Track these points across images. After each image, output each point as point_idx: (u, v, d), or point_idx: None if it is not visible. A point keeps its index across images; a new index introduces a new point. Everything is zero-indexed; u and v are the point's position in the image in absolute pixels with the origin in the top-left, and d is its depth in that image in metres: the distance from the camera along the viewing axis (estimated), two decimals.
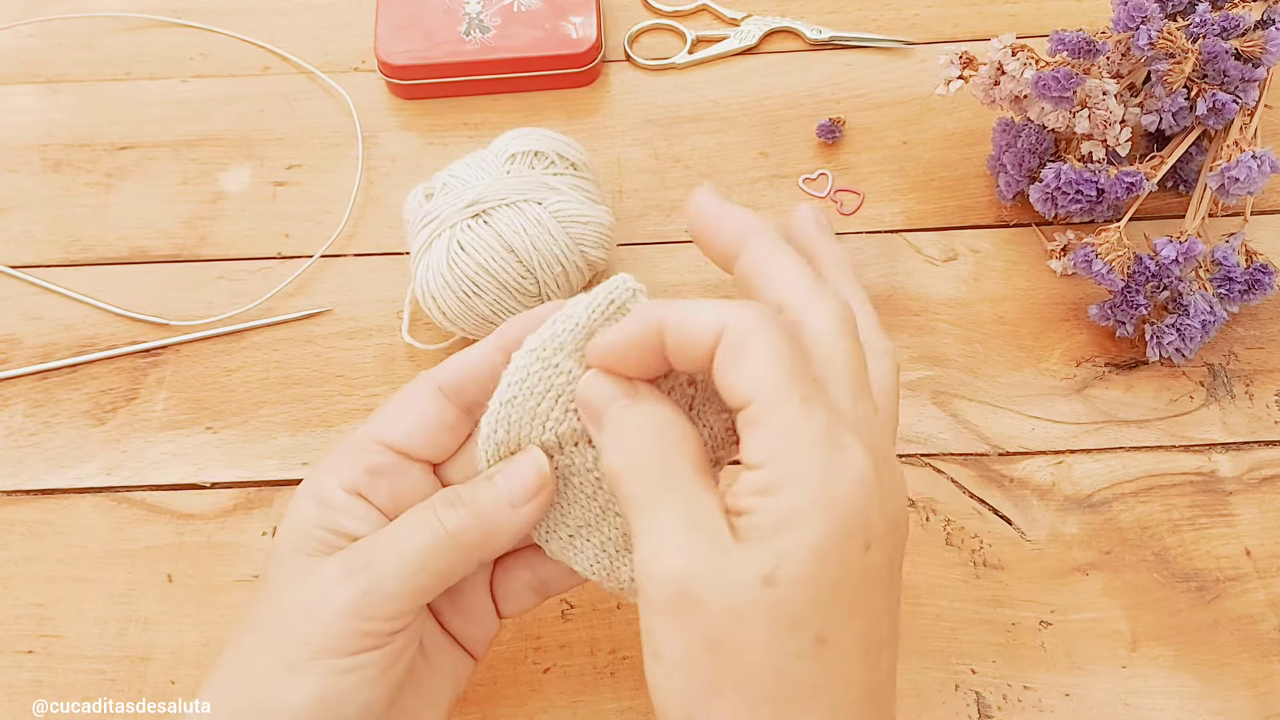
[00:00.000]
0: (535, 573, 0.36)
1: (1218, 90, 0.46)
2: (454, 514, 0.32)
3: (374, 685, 0.31)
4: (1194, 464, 0.45)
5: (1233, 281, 0.46)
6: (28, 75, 0.59)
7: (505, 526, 0.32)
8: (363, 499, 0.33)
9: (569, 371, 0.31)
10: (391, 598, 0.31)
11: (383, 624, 0.31)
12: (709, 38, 0.59)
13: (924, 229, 0.52)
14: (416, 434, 0.34)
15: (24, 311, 0.51)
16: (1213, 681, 0.40)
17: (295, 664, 0.30)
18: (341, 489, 0.33)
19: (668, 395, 0.32)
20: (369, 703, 0.31)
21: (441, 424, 0.34)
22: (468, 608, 0.36)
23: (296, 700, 0.30)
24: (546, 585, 0.36)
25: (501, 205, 0.45)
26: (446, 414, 0.34)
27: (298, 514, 0.33)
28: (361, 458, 0.33)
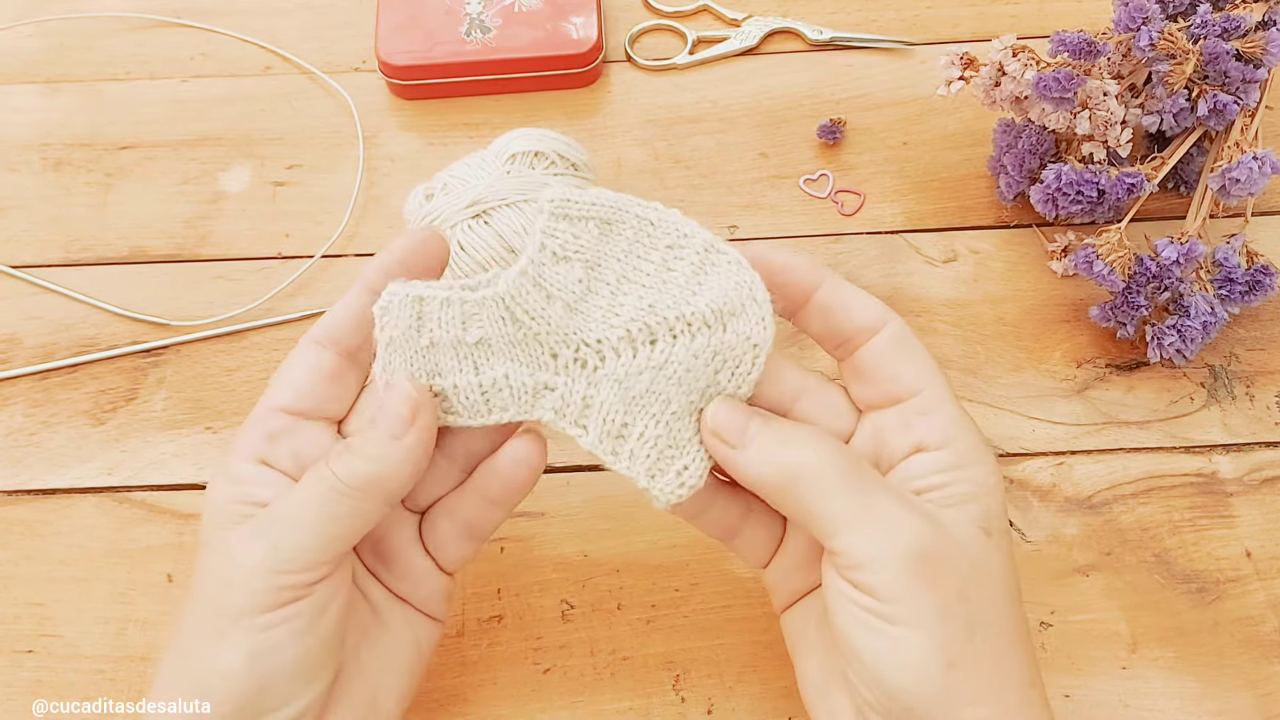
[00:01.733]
0: (454, 518, 0.36)
1: (1219, 91, 0.46)
2: (341, 460, 0.32)
3: (303, 637, 0.31)
4: (1195, 465, 0.45)
5: (1234, 282, 0.46)
6: (28, 75, 0.59)
7: (394, 460, 0.32)
8: (267, 466, 0.33)
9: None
10: (300, 549, 0.31)
11: (297, 575, 0.31)
12: (710, 38, 0.59)
13: (924, 230, 0.52)
14: (303, 391, 0.34)
15: (24, 311, 0.51)
16: (1213, 683, 0.40)
17: (221, 629, 0.31)
18: (244, 460, 0.33)
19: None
20: (301, 655, 0.32)
21: (325, 374, 0.34)
22: (403, 567, 0.36)
23: (227, 663, 0.31)
24: (473, 528, 0.36)
25: (502, 205, 0.45)
26: (326, 363, 0.34)
27: (212, 494, 0.33)
28: (259, 426, 0.34)
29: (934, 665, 0.30)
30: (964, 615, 0.30)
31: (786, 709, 0.40)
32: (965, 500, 0.32)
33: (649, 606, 0.42)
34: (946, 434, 0.33)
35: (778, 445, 0.32)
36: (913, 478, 0.33)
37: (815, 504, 0.31)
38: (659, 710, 0.40)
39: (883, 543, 0.30)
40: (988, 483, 0.32)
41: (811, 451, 0.32)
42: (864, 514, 0.31)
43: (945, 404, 0.33)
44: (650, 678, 0.41)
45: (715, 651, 0.41)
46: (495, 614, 0.42)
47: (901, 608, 0.30)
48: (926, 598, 0.30)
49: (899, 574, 0.30)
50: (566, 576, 0.43)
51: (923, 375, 0.33)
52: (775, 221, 0.52)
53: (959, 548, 0.31)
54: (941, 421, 0.33)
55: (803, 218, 0.52)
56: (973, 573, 0.31)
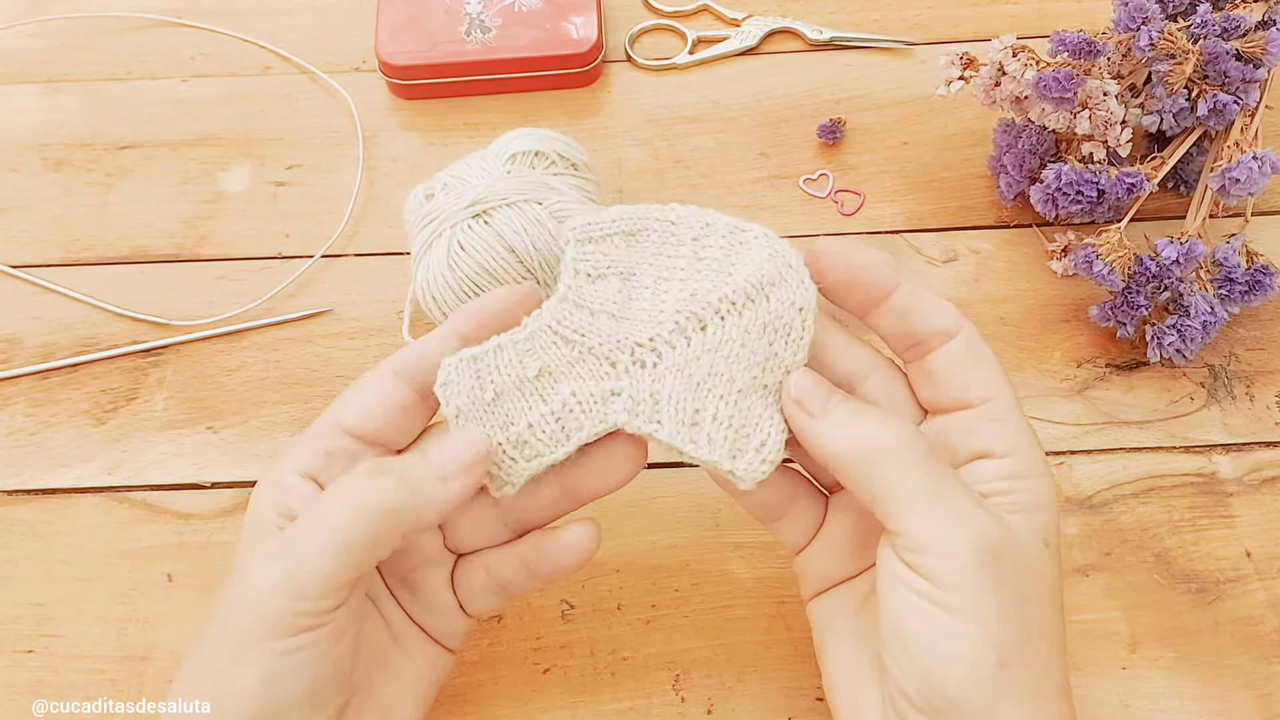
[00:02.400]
0: (491, 574, 0.36)
1: (1218, 91, 0.46)
2: (377, 482, 0.31)
3: (318, 662, 0.31)
4: (1194, 465, 0.45)
5: (1233, 282, 0.46)
6: (29, 75, 0.59)
7: (431, 498, 0.32)
8: (313, 482, 0.33)
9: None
10: (316, 576, 0.30)
11: (314, 603, 0.30)
12: (710, 38, 0.59)
13: (925, 229, 0.52)
14: (373, 417, 0.34)
15: (24, 311, 0.51)
16: (1213, 683, 0.40)
17: (238, 650, 0.31)
18: (295, 473, 0.33)
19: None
20: (315, 680, 0.31)
21: (396, 406, 0.34)
22: (429, 600, 0.36)
23: (241, 685, 0.30)
24: (504, 588, 0.36)
25: (502, 205, 0.45)
26: (401, 396, 0.34)
27: (255, 500, 0.33)
28: (318, 442, 0.33)
29: (987, 662, 0.30)
30: (1022, 618, 0.30)
31: (786, 709, 0.40)
32: (1029, 509, 0.32)
33: (649, 606, 0.42)
34: (1013, 443, 0.33)
35: (858, 419, 0.32)
36: (977, 482, 0.33)
37: (889, 481, 0.31)
38: (659, 710, 0.40)
39: (953, 530, 0.30)
40: (1048, 496, 0.33)
41: (891, 429, 0.32)
42: (937, 499, 0.31)
43: (1013, 414, 0.33)
44: (650, 678, 0.41)
45: (715, 652, 0.41)
46: (495, 614, 0.42)
47: (964, 599, 0.30)
48: (990, 593, 0.30)
49: (966, 564, 0.30)
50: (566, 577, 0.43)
51: (992, 383, 0.33)
52: (775, 221, 0.52)
53: (1024, 552, 0.31)
54: (1009, 430, 0.33)
55: (803, 217, 0.52)
56: (1034, 579, 0.31)
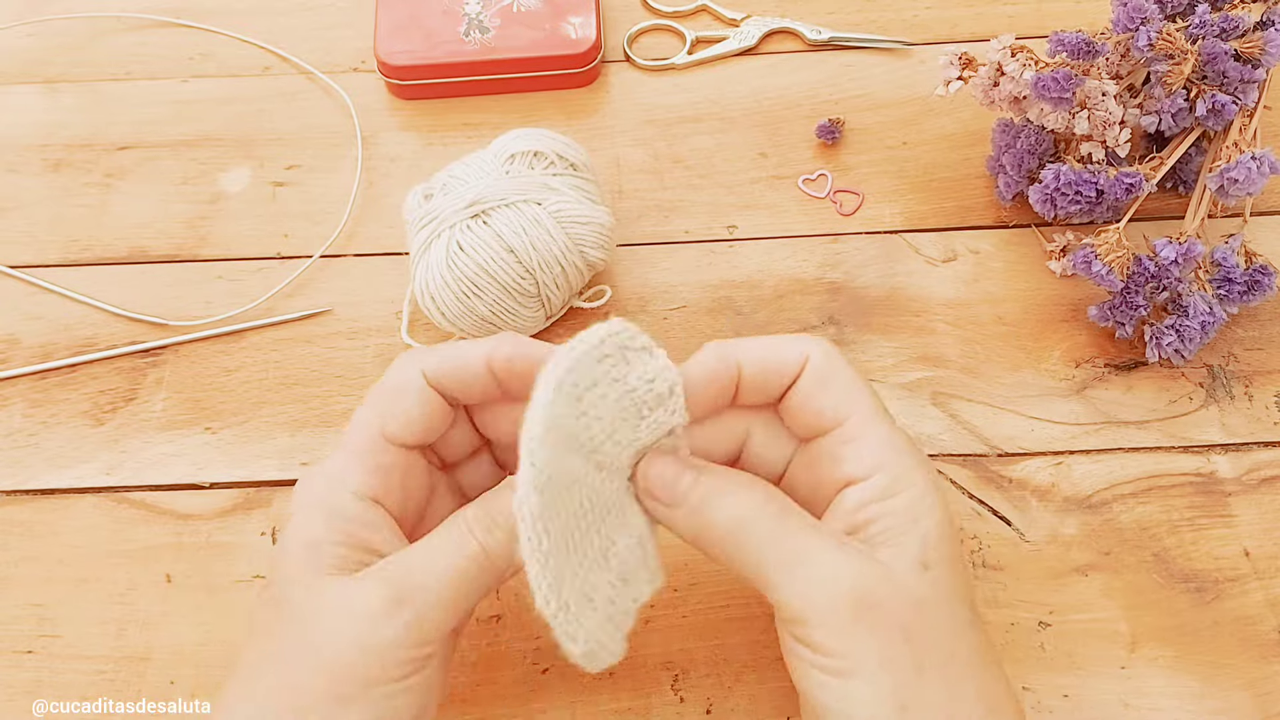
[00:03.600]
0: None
1: (1217, 91, 0.46)
2: (493, 538, 0.31)
3: (422, 699, 0.32)
4: (1193, 465, 0.45)
5: (1232, 282, 0.46)
6: (28, 75, 0.59)
7: None
8: (377, 504, 0.33)
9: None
10: (438, 624, 0.31)
11: (429, 648, 0.31)
12: (708, 38, 0.59)
13: (923, 230, 0.52)
14: (415, 427, 0.33)
15: (23, 311, 0.51)
16: (1212, 682, 0.40)
17: (349, 694, 0.30)
18: (355, 496, 0.32)
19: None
20: (422, 708, 0.32)
21: (436, 413, 0.34)
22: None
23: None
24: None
25: (501, 206, 0.45)
26: (437, 403, 0.34)
27: (309, 530, 0.32)
28: (369, 459, 0.33)
29: (885, 713, 0.29)
30: (910, 656, 0.30)
31: (785, 709, 0.40)
32: (900, 532, 0.31)
33: (647, 607, 0.42)
34: (874, 461, 0.32)
35: (710, 499, 0.32)
36: (847, 513, 0.32)
37: (751, 558, 0.31)
38: (658, 710, 0.40)
39: (818, 594, 0.30)
40: (920, 509, 0.31)
41: (737, 502, 0.31)
42: (797, 565, 0.30)
43: (870, 426, 0.32)
44: (649, 678, 0.41)
45: (714, 652, 0.41)
46: (494, 613, 0.42)
47: (846, 660, 0.30)
48: (869, 646, 0.29)
49: (837, 625, 0.30)
50: None
51: (846, 400, 0.32)
52: (774, 221, 0.52)
53: (897, 587, 0.30)
54: (867, 448, 0.32)
55: (801, 218, 0.52)
56: (915, 611, 0.30)
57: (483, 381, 0.34)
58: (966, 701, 0.30)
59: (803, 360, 0.33)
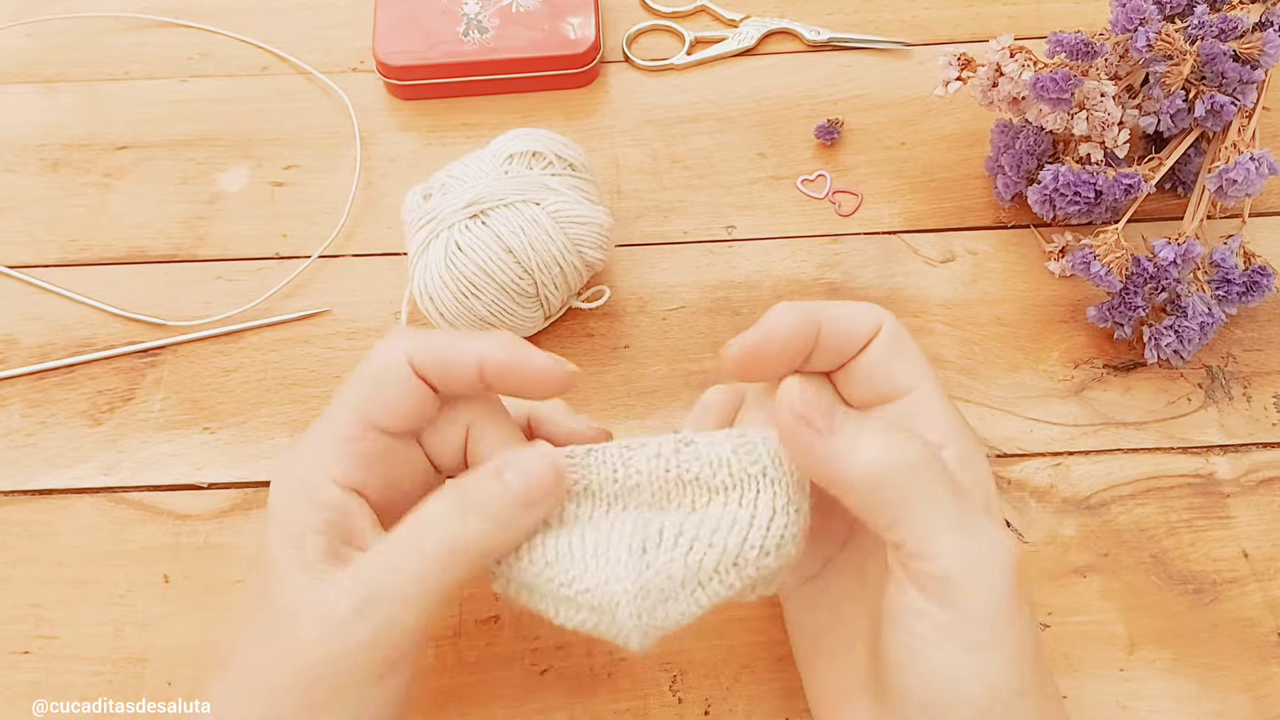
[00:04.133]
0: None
1: (1216, 92, 0.46)
2: (468, 524, 0.30)
3: (395, 694, 0.31)
4: (1192, 466, 0.45)
5: (1231, 283, 0.46)
6: (26, 75, 0.59)
7: (517, 529, 0.31)
8: (360, 496, 0.32)
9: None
10: (407, 627, 0.30)
11: (399, 650, 0.30)
12: (707, 39, 0.59)
13: (922, 230, 0.52)
14: (403, 416, 0.32)
15: (21, 311, 0.51)
16: (1210, 684, 0.40)
17: (320, 704, 0.29)
18: (335, 484, 0.31)
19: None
20: (393, 710, 0.31)
21: (424, 400, 0.32)
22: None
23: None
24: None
25: (499, 206, 0.45)
26: (424, 391, 0.32)
27: (289, 518, 0.31)
28: (352, 446, 0.32)
29: (1006, 693, 0.29)
30: (1034, 640, 0.29)
31: (784, 710, 0.40)
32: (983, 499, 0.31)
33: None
34: (944, 432, 0.32)
35: (874, 435, 0.29)
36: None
37: (908, 505, 0.29)
38: (656, 711, 0.40)
39: (984, 561, 0.28)
40: (990, 481, 0.32)
41: (914, 448, 0.29)
42: (965, 527, 0.29)
43: (938, 401, 0.32)
44: (647, 678, 0.41)
45: (712, 652, 0.41)
46: (492, 614, 0.42)
47: (991, 631, 0.28)
48: (1016, 622, 0.29)
49: (998, 596, 0.28)
50: None
51: (916, 372, 0.32)
52: (772, 222, 0.52)
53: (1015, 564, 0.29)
54: (940, 420, 0.32)
55: (800, 218, 0.52)
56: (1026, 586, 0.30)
57: (470, 381, 0.33)
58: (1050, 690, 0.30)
59: (877, 327, 0.33)
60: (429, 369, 0.32)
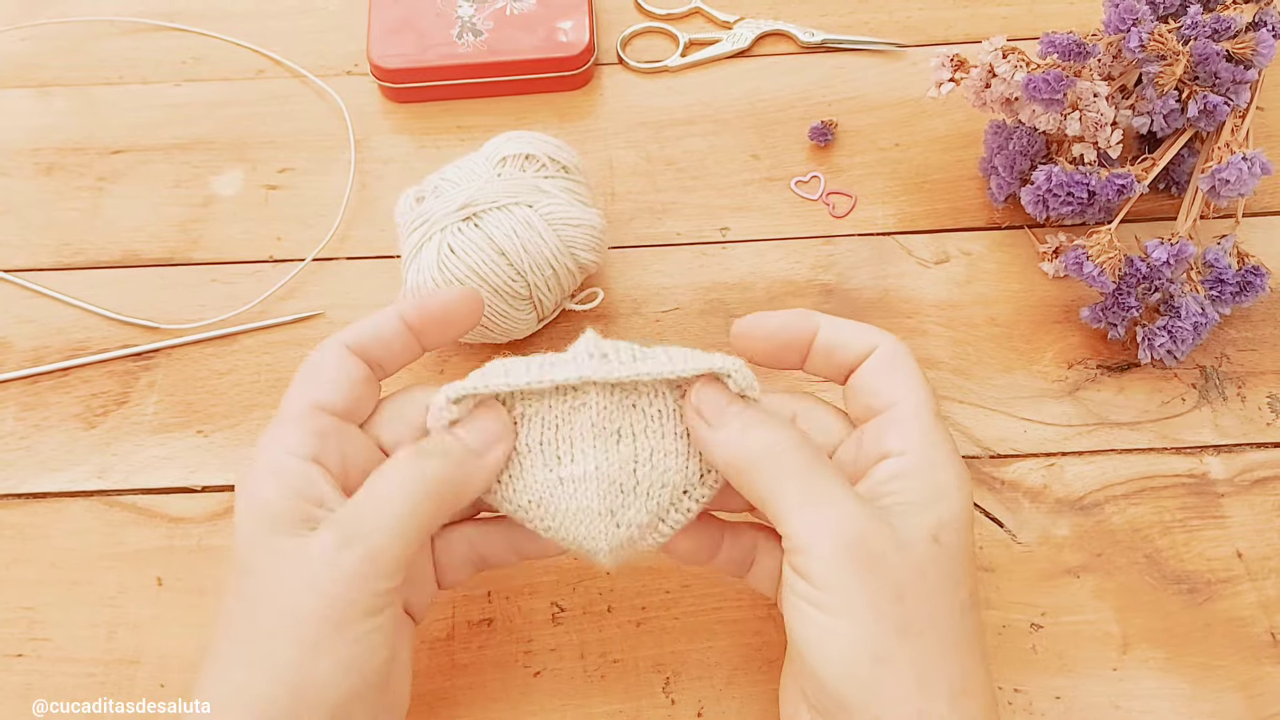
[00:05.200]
0: (473, 547, 0.37)
1: (1209, 92, 0.46)
2: (429, 463, 0.33)
3: (389, 639, 0.32)
4: (1186, 466, 0.45)
5: (1224, 283, 0.46)
6: (20, 79, 0.59)
7: (474, 472, 0.34)
8: (319, 464, 0.33)
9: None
10: (392, 555, 0.32)
11: (387, 582, 0.32)
12: (701, 40, 0.59)
13: (916, 231, 0.52)
14: (344, 394, 0.35)
15: (15, 315, 0.51)
16: (1204, 684, 0.40)
17: (317, 639, 0.31)
18: (295, 457, 0.33)
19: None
20: (387, 655, 0.33)
21: (360, 380, 0.35)
22: (414, 573, 0.36)
23: (325, 672, 0.31)
24: (484, 560, 0.38)
25: (492, 208, 0.45)
26: (361, 371, 0.35)
27: (259, 494, 0.33)
28: (304, 424, 0.34)
29: (862, 658, 0.30)
30: (897, 614, 0.30)
31: (777, 712, 0.39)
32: (920, 505, 0.32)
33: (639, 609, 0.42)
34: (909, 441, 0.33)
35: (746, 427, 0.33)
36: (875, 483, 0.33)
37: (771, 486, 0.32)
38: (649, 713, 0.40)
39: (824, 528, 0.31)
40: (945, 490, 0.33)
41: (770, 434, 0.33)
42: (812, 499, 0.32)
43: (919, 414, 0.34)
44: (641, 680, 0.41)
45: (706, 654, 0.41)
46: (485, 617, 0.42)
47: (834, 596, 0.31)
48: (859, 589, 0.30)
49: (836, 561, 0.31)
50: (557, 579, 0.43)
51: (902, 388, 0.34)
52: (766, 223, 0.52)
53: (902, 548, 0.31)
54: (910, 429, 0.33)
55: (794, 220, 0.52)
56: (915, 576, 0.31)
57: (402, 338, 0.36)
58: (939, 675, 0.31)
59: (871, 346, 0.35)
60: (365, 343, 0.36)
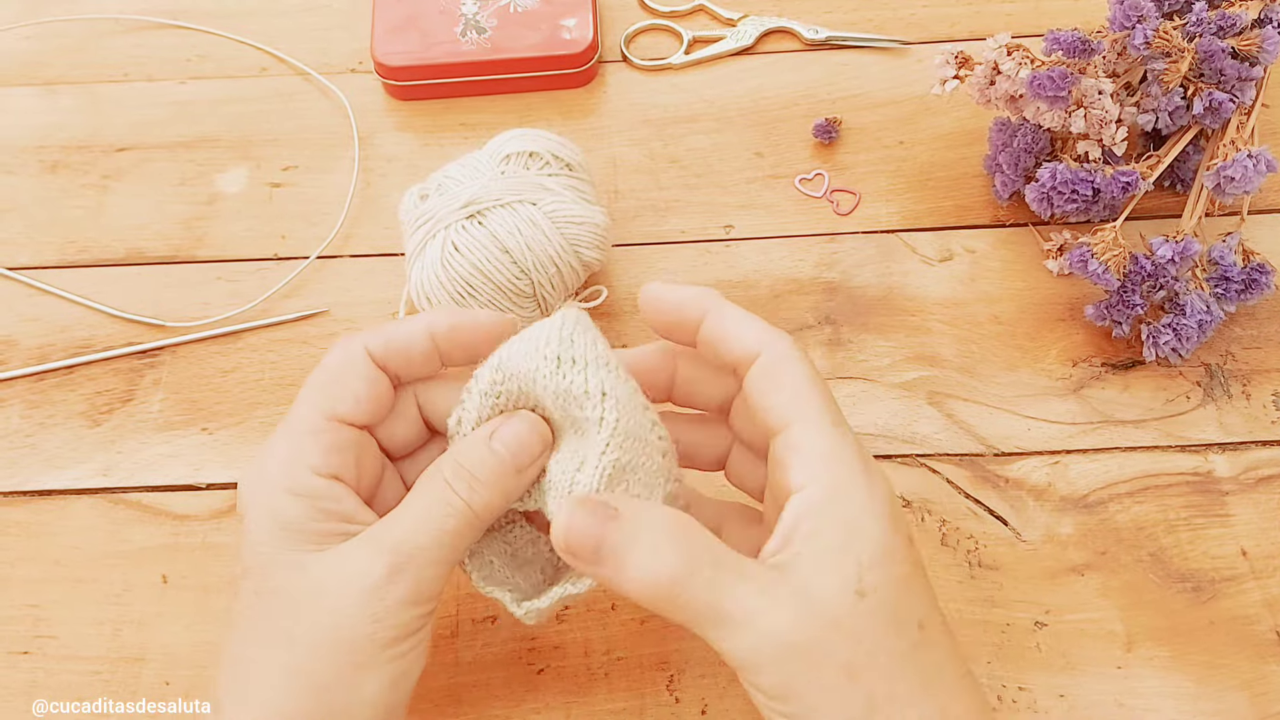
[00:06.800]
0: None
1: (1214, 89, 0.46)
2: (476, 492, 0.33)
3: (424, 655, 0.33)
4: (1190, 464, 0.45)
5: (1229, 281, 0.45)
6: (25, 77, 0.59)
7: (512, 493, 0.34)
8: (338, 480, 0.33)
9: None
10: (434, 582, 0.32)
11: (430, 604, 0.32)
12: (705, 38, 0.59)
13: (920, 229, 0.52)
14: (364, 405, 0.34)
15: (20, 313, 0.51)
16: (1208, 682, 0.40)
17: (364, 661, 0.31)
18: (316, 475, 0.32)
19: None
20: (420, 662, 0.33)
21: (383, 394, 0.35)
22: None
23: (371, 691, 0.31)
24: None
25: (496, 206, 0.45)
26: (385, 384, 0.35)
27: (277, 513, 0.32)
28: (322, 439, 0.33)
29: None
30: (858, 693, 0.29)
31: None
32: (834, 553, 0.30)
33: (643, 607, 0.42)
34: (810, 470, 0.31)
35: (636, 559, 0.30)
36: (787, 530, 0.31)
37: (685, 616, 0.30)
38: (653, 711, 0.40)
39: (752, 646, 0.29)
40: (858, 525, 0.30)
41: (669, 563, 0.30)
42: (727, 617, 0.29)
43: (814, 433, 0.31)
44: (644, 678, 0.41)
45: (709, 652, 0.40)
46: (489, 614, 0.42)
47: (798, 704, 0.29)
48: (816, 689, 0.29)
49: (778, 673, 0.29)
50: None
51: (794, 402, 0.31)
52: (770, 221, 0.52)
53: (832, 623, 0.29)
54: (808, 457, 0.31)
55: (798, 217, 0.52)
56: (854, 645, 0.29)
57: (426, 354, 0.35)
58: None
59: (755, 351, 0.32)
60: (387, 354, 0.34)
